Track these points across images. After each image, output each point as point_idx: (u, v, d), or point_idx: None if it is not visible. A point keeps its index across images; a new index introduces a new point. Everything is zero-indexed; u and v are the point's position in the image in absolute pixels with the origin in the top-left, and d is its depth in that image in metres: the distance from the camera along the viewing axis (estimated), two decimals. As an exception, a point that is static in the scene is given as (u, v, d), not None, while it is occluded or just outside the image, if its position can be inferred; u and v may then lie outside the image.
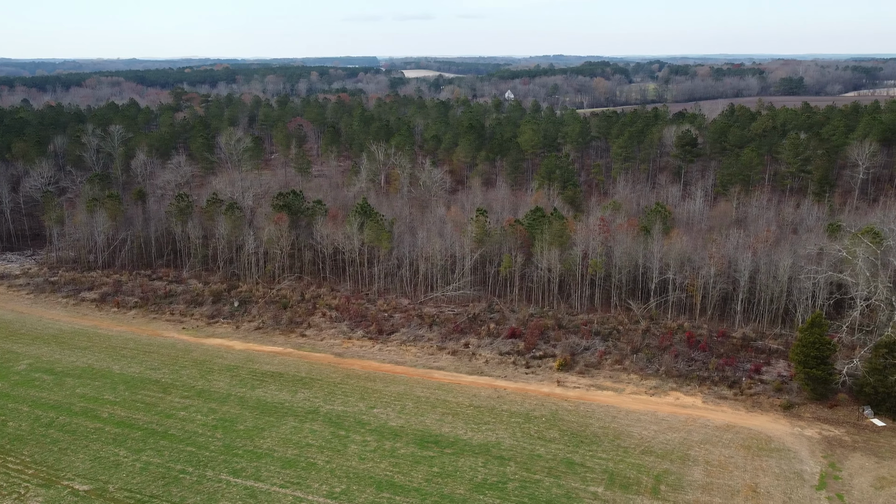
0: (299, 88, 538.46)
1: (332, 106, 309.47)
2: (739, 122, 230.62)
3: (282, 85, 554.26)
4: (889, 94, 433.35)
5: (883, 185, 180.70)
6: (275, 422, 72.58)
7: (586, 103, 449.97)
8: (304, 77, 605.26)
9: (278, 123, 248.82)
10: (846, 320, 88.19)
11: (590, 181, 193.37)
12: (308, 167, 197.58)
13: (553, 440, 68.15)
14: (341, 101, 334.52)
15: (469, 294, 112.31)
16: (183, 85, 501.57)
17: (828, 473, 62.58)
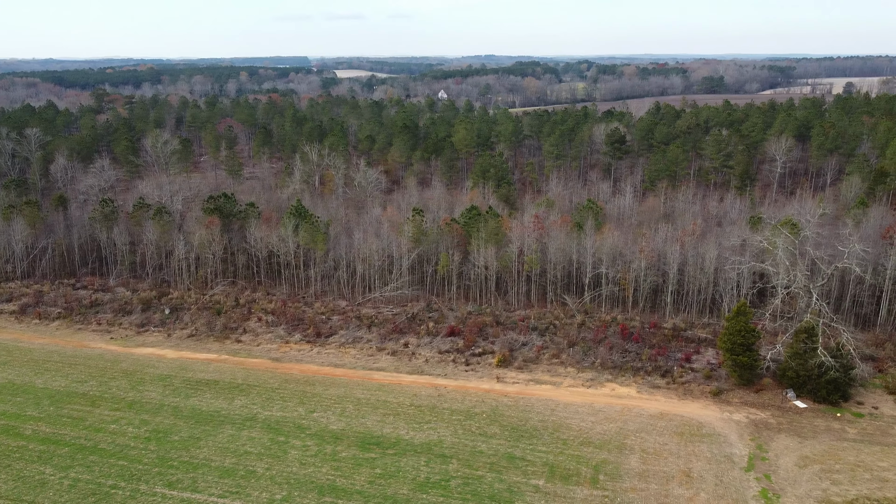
0: (228, 89, 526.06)
1: (263, 106, 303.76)
2: (665, 119, 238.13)
3: (210, 85, 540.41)
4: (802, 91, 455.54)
5: (799, 179, 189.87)
6: (211, 431, 70.76)
7: (518, 103, 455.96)
8: (234, 77, 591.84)
9: (207, 125, 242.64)
10: (768, 308, 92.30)
11: (523, 179, 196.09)
12: (239, 169, 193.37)
13: (494, 436, 68.83)
14: (272, 101, 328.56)
15: (407, 294, 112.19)
16: (105, 86, 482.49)
17: (755, 455, 65.35)
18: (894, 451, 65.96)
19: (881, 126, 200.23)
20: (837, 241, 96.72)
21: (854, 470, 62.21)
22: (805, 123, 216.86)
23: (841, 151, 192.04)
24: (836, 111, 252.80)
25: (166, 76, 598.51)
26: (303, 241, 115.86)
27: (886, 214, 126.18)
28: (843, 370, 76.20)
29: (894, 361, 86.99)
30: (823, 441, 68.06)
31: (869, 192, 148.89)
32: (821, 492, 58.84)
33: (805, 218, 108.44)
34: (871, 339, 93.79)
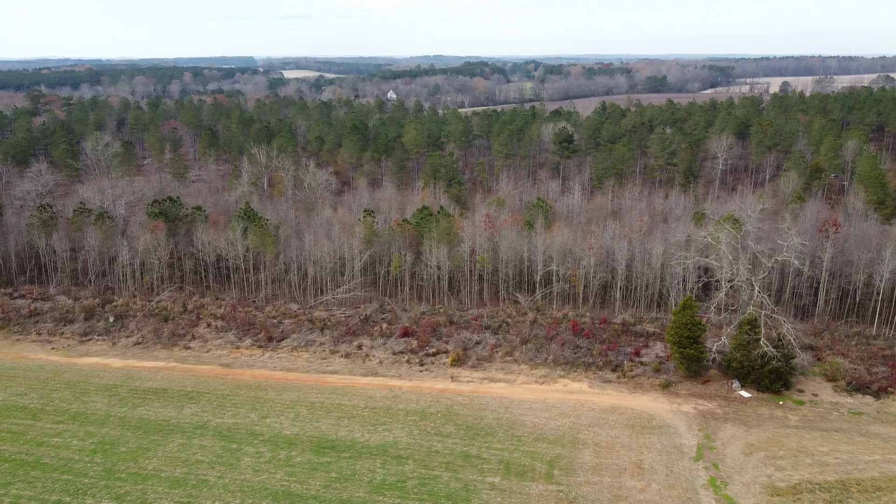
0: (172, 90, 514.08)
1: (209, 108, 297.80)
2: (611, 118, 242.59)
3: (152, 86, 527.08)
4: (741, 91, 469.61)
5: (740, 175, 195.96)
6: (160, 440, 69.04)
7: (467, 103, 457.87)
8: (177, 78, 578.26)
9: (150, 127, 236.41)
10: (713, 301, 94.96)
11: (474, 178, 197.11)
12: (185, 172, 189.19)
13: (450, 435, 69.01)
14: (218, 102, 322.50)
15: (360, 295, 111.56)
16: (40, 87, 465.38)
17: (704, 445, 67.17)
18: (833, 436, 68.67)
19: (815, 124, 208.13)
20: (777, 234, 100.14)
21: (796, 455, 64.49)
22: (744, 122, 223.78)
23: (778, 148, 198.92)
24: (774, 110, 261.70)
25: (106, 77, 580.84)
26: (252, 245, 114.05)
27: (822, 208, 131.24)
28: (784, 360, 78.96)
29: (832, 350, 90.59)
30: (767, 429, 70.38)
31: (805, 188, 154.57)
32: (766, 478, 60.83)
33: (746, 213, 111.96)
34: (809, 329, 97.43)
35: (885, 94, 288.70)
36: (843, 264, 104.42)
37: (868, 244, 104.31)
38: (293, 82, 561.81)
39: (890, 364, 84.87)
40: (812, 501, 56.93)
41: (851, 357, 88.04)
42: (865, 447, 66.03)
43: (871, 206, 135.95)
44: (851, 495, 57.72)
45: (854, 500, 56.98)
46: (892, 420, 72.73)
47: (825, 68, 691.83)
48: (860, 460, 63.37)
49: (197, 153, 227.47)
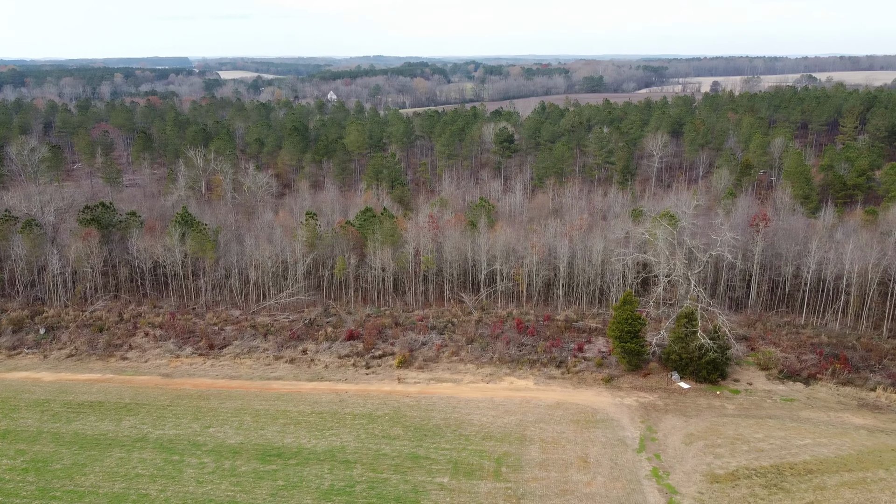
0: (102, 92, 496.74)
1: (142, 110, 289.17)
2: (550, 118, 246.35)
3: (81, 88, 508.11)
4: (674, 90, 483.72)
5: (675, 172, 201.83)
6: (97, 455, 66.64)
7: (408, 103, 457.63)
8: (108, 79, 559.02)
9: (80, 130, 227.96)
10: (652, 296, 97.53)
11: (417, 179, 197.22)
12: (118, 177, 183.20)
13: (398, 437, 68.87)
14: (151, 104, 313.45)
15: (304, 299, 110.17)
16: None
17: (646, 437, 68.92)
18: (768, 422, 71.46)
19: (744, 122, 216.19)
20: (711, 230, 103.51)
21: (734, 443, 66.85)
22: (678, 120, 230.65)
23: (711, 146, 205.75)
24: (705, 108, 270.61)
25: (30, 78, 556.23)
26: (191, 250, 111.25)
27: (752, 204, 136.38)
28: (720, 351, 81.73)
29: (764, 340, 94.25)
30: (706, 418, 72.72)
31: (736, 184, 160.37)
32: (705, 466, 62.85)
33: (681, 209, 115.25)
34: (743, 320, 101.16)
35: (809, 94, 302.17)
36: (773, 257, 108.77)
37: (796, 237, 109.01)
38: (230, 83, 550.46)
39: (818, 352, 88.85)
40: (749, 486, 59.08)
41: (782, 346, 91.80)
42: (797, 432, 68.96)
43: (797, 201, 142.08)
44: (785, 479, 60.18)
45: (788, 484, 59.40)
46: (820, 405, 76.17)
47: (752, 68, 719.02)
48: (793, 445, 66.13)
49: (130, 157, 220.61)
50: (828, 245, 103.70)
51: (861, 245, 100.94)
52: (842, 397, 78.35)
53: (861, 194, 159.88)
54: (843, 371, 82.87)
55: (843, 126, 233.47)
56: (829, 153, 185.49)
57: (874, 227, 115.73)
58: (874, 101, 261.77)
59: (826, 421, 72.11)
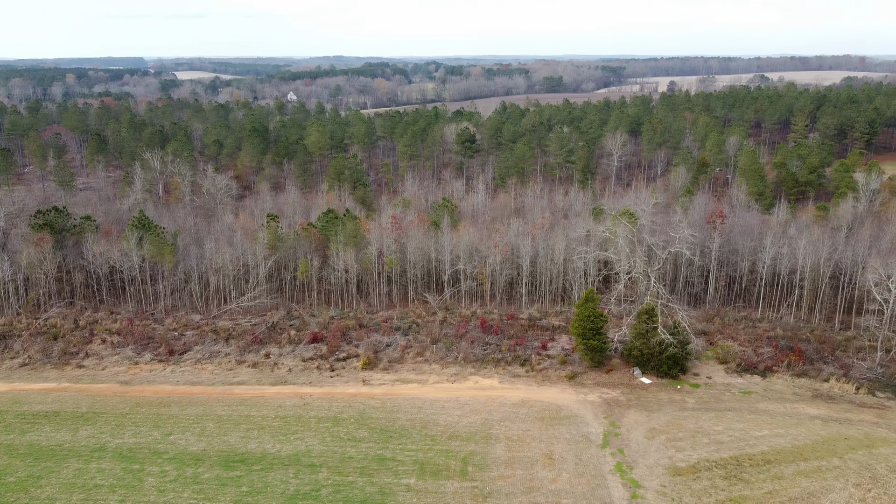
0: (53, 93, 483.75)
1: (96, 111, 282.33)
2: (511, 118, 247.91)
3: (31, 89, 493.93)
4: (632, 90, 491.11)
5: (634, 171, 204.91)
6: (53, 467, 64.85)
7: (370, 104, 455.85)
8: (59, 80, 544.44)
9: (30, 132, 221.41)
10: (613, 293, 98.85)
11: (379, 180, 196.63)
12: (71, 180, 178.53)
13: (363, 439, 68.54)
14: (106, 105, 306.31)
15: (266, 303, 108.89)
16: None
17: (609, 432, 69.84)
18: (727, 415, 73.06)
19: (700, 121, 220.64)
20: (669, 227, 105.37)
21: (695, 436, 68.17)
22: (636, 120, 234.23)
23: (668, 145, 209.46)
24: (662, 108, 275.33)
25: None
26: (148, 255, 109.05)
27: (709, 201, 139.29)
28: (680, 346, 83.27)
29: (722, 334, 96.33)
30: (667, 412, 74.01)
31: (694, 182, 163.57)
32: (667, 459, 63.96)
33: (641, 207, 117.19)
34: (702, 315, 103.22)
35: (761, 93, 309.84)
36: (730, 253, 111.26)
37: (751, 233, 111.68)
38: (187, 84, 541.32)
39: (774, 345, 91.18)
40: (710, 478, 60.33)
41: (740, 340, 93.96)
42: (755, 424, 70.65)
43: (752, 198, 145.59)
44: (745, 469, 61.60)
45: (747, 474, 60.81)
46: (777, 397, 78.18)
47: (707, 68, 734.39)
48: (751, 436, 67.72)
49: (84, 160, 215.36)
50: (782, 241, 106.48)
51: (813, 240, 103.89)
52: (797, 389, 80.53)
53: (812, 191, 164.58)
54: (797, 363, 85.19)
55: (795, 124, 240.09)
56: (782, 151, 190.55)
57: (825, 223, 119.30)
58: (823, 100, 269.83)
59: (782, 412, 74.02)
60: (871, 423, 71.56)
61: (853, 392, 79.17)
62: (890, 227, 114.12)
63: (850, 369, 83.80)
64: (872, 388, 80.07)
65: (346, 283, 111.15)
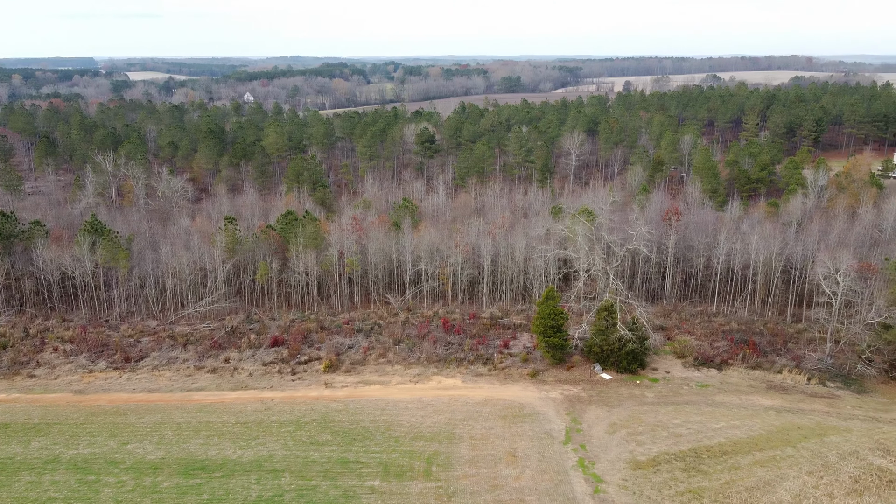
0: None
1: (44, 113, 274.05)
2: (470, 118, 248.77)
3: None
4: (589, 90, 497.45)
5: (591, 170, 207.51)
6: (4, 480, 62.78)
7: (328, 104, 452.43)
8: (4, 81, 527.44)
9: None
10: (573, 291, 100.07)
11: (339, 181, 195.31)
12: (19, 184, 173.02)
13: (326, 443, 68.02)
14: (54, 107, 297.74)
15: (225, 307, 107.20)
16: None
17: (572, 428, 70.63)
18: (685, 408, 74.56)
19: (655, 120, 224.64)
20: (627, 225, 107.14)
21: (654, 430, 69.40)
22: (593, 119, 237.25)
23: (624, 144, 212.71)
24: (619, 108, 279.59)
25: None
26: (102, 260, 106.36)
27: (665, 199, 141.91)
28: (639, 341, 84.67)
29: (680, 329, 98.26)
30: (627, 407, 75.18)
31: (650, 180, 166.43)
32: (628, 454, 64.97)
33: (599, 206, 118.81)
34: (659, 311, 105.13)
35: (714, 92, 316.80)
36: (686, 249, 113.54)
37: (706, 230, 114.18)
38: (140, 85, 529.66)
39: (729, 338, 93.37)
40: (670, 471, 61.48)
41: (697, 334, 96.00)
42: (712, 416, 72.27)
43: (706, 195, 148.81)
44: (703, 461, 62.95)
45: (705, 466, 62.16)
46: (733, 389, 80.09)
47: (662, 68, 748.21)
48: (709, 428, 69.25)
49: (32, 163, 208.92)
50: (735, 236, 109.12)
51: (765, 236, 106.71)
52: (752, 381, 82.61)
53: (764, 187, 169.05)
54: (752, 356, 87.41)
55: (746, 123, 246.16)
56: (734, 149, 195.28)
57: (776, 219, 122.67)
58: (773, 99, 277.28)
59: (738, 404, 75.86)
60: (822, 413, 73.85)
61: (805, 383, 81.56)
62: (837, 223, 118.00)
63: (801, 361, 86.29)
64: (823, 378, 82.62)
65: (307, 286, 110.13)
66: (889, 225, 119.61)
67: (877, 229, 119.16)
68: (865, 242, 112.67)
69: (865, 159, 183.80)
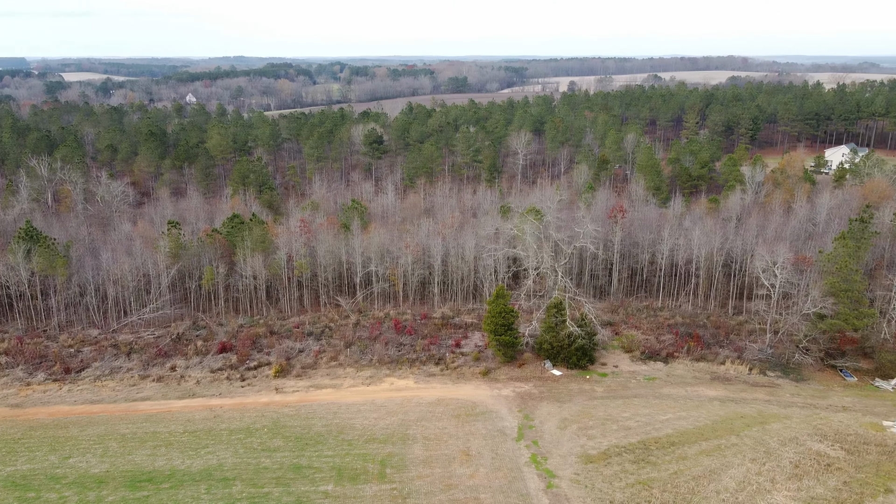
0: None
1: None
2: (418, 118, 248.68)
3: None
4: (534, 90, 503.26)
5: (538, 169, 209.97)
6: (-63, 501, 59.93)
7: (273, 105, 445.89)
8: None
9: None
10: (523, 289, 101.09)
11: (286, 183, 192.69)
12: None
13: (278, 449, 67.05)
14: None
15: (170, 314, 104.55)
16: None
17: (524, 425, 71.36)
18: (634, 401, 76.17)
19: (600, 119, 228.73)
20: (574, 223, 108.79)
21: (604, 424, 70.68)
22: (539, 119, 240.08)
23: (570, 143, 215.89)
24: (564, 107, 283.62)
25: None
26: (38, 268, 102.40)
27: (610, 196, 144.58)
28: (588, 337, 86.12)
29: (627, 324, 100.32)
30: (578, 402, 76.38)
31: (595, 178, 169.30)
32: (579, 448, 66.01)
33: (546, 204, 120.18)
34: (607, 307, 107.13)
35: (655, 92, 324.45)
36: (631, 246, 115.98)
37: (650, 226, 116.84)
38: (76, 86, 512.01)
39: (674, 332, 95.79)
40: (620, 463, 62.71)
41: (643, 329, 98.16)
42: (660, 408, 74.03)
43: (650, 192, 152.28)
44: (652, 453, 64.42)
45: (654, 457, 63.63)
46: (679, 381, 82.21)
47: (605, 68, 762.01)
48: (657, 420, 70.91)
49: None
50: (678, 232, 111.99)
51: (706, 231, 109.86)
52: (697, 372, 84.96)
53: (704, 184, 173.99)
54: (696, 348, 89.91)
55: (687, 122, 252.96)
56: (676, 147, 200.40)
57: (717, 214, 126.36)
58: (712, 98, 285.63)
59: (684, 396, 77.92)
60: (763, 401, 76.48)
61: (747, 373, 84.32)
62: (774, 217, 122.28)
63: (743, 351, 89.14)
64: (763, 368, 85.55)
65: (255, 290, 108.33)
66: (822, 219, 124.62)
67: (811, 223, 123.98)
68: (801, 236, 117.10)
69: (799, 156, 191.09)
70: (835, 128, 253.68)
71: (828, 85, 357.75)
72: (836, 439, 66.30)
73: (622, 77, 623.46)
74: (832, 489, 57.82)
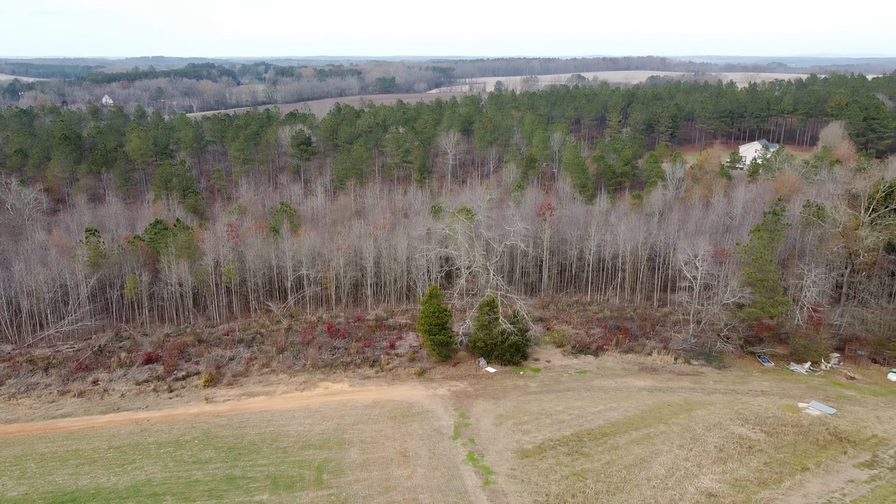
0: None
1: None
2: (347, 119, 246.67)
3: None
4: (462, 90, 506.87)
5: (468, 169, 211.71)
6: None
7: (196, 106, 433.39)
8: None
9: None
10: (455, 288, 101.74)
11: (211, 187, 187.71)
12: None
13: (210, 460, 65.24)
14: None
15: (91, 325, 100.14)
16: None
17: (460, 423, 71.81)
18: (566, 395, 77.79)
19: (526, 119, 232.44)
20: (504, 221, 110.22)
21: (538, 418, 71.90)
22: (468, 119, 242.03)
23: (498, 142, 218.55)
24: (491, 107, 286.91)
25: None
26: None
27: (538, 194, 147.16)
28: (520, 334, 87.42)
29: (558, 319, 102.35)
30: (512, 398, 77.42)
31: (524, 177, 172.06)
32: (515, 443, 66.95)
33: (476, 204, 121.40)
34: (538, 303, 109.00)
35: (579, 92, 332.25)
36: (560, 242, 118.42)
37: (578, 223, 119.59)
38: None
39: (603, 325, 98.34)
40: (555, 456, 63.94)
41: (574, 323, 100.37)
42: (592, 400, 75.88)
43: (576, 190, 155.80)
44: (585, 444, 65.97)
45: (587, 448, 65.18)
46: (609, 374, 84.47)
47: (530, 69, 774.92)
48: (589, 412, 72.66)
49: None
50: (604, 228, 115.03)
51: (631, 226, 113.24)
52: (626, 364, 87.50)
53: (628, 181, 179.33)
54: (625, 341, 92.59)
55: (610, 120, 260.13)
56: (600, 145, 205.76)
57: (640, 210, 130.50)
58: (633, 97, 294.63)
59: (615, 387, 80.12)
60: (689, 389, 79.47)
61: (673, 363, 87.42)
62: (694, 212, 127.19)
63: (668, 342, 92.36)
64: (688, 357, 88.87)
65: (182, 298, 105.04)
66: (738, 212, 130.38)
67: (728, 216, 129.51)
68: (719, 229, 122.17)
69: (716, 152, 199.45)
70: (748, 125, 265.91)
71: (740, 84, 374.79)
72: (756, 422, 69.55)
73: (547, 77, 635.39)
74: (754, 470, 60.63)
